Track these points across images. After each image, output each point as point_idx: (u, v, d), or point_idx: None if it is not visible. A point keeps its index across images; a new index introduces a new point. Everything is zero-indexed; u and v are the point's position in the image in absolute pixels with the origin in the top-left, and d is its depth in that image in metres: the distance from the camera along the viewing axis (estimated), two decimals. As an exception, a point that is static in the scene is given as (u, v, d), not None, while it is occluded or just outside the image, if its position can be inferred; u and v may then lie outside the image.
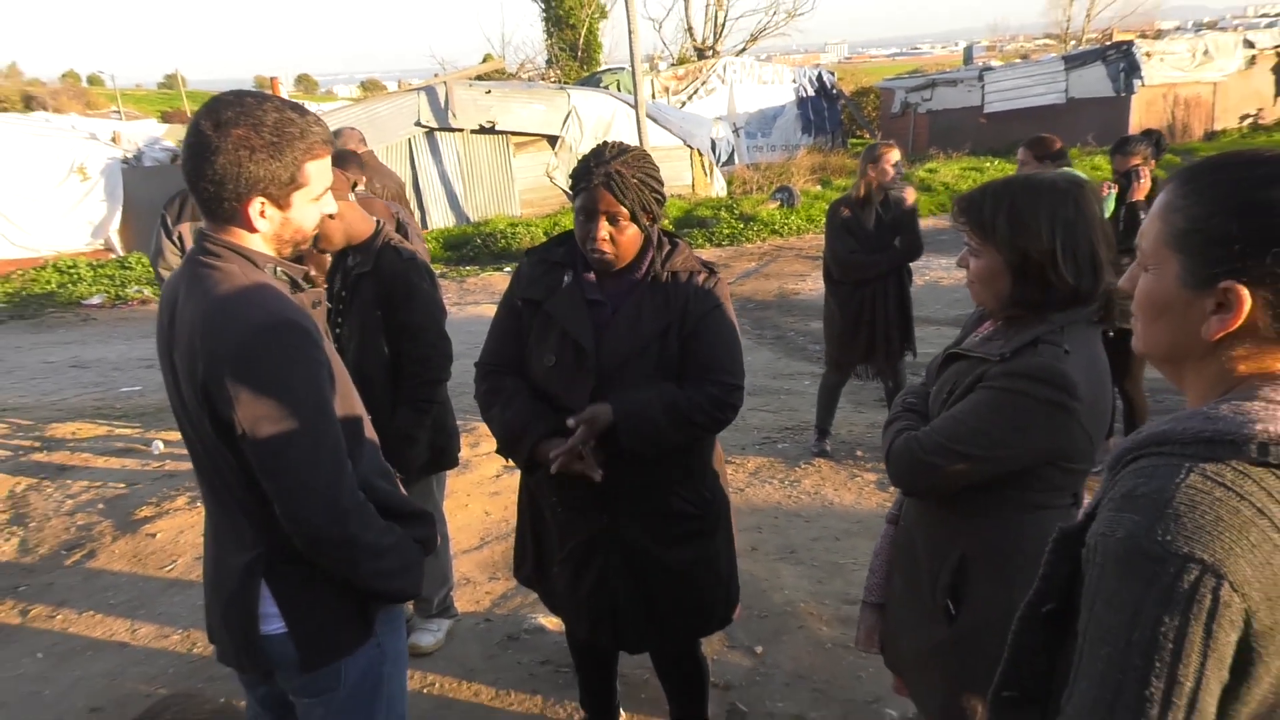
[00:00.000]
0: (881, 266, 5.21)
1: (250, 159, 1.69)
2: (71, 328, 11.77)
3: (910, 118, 24.31)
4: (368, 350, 3.16)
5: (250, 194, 1.73)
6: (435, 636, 3.64)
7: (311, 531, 1.73)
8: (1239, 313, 1.05)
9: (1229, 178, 1.08)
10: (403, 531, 1.90)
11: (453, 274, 13.09)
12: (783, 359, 8.22)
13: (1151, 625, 0.98)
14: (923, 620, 2.06)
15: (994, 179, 2.05)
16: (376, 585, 1.85)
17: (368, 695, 1.94)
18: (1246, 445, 1.00)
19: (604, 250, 2.34)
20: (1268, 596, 0.96)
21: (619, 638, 2.55)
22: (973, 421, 1.88)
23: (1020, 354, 1.86)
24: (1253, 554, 0.96)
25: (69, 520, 5.01)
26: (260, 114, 1.71)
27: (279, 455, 1.69)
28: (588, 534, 2.46)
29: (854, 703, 3.18)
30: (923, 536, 2.07)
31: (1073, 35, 37.41)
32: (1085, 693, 1.04)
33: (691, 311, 2.37)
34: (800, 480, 5.23)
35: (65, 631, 3.95)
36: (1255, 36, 23.12)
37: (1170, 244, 1.10)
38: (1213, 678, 0.98)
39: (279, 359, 1.69)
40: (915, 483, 2.00)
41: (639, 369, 2.35)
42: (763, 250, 13.99)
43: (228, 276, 1.75)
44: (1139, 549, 0.99)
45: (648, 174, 2.37)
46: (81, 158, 14.66)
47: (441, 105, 15.56)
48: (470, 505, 4.91)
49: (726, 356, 2.40)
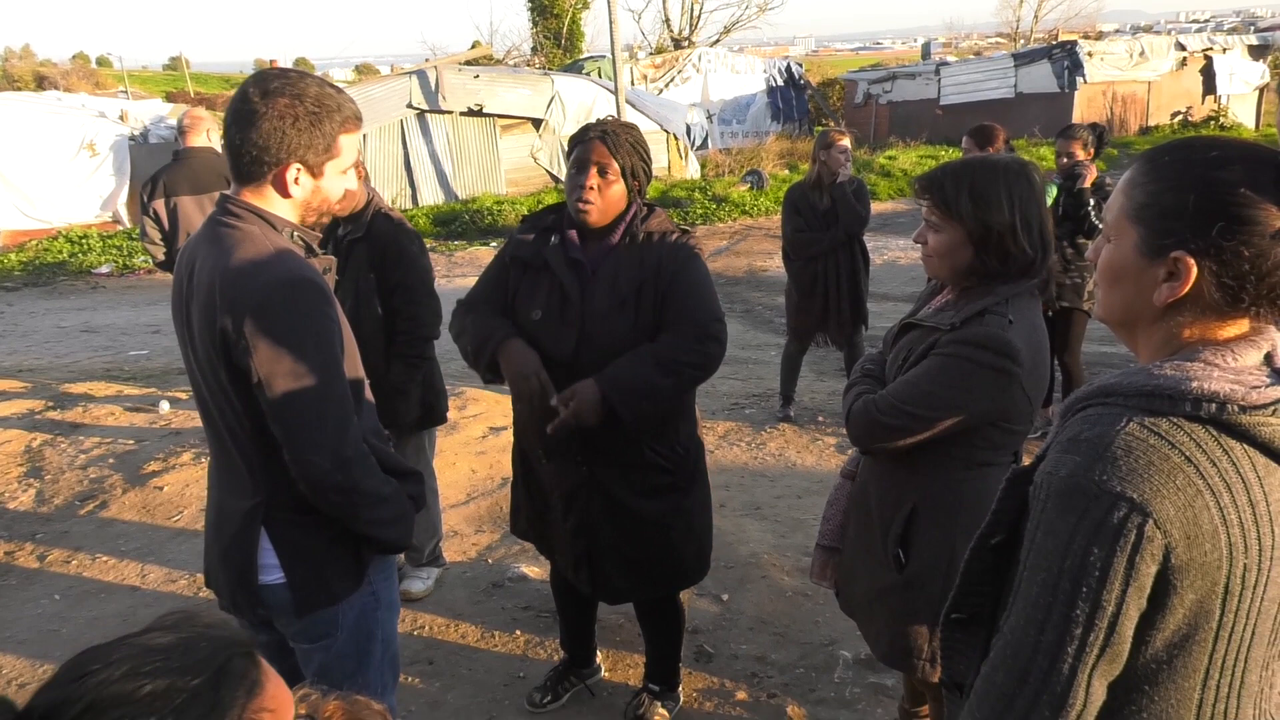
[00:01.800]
0: (824, 243, 5.24)
1: (293, 126, 1.70)
2: (82, 295, 11.58)
3: (872, 108, 24.23)
4: (363, 311, 3.18)
5: (289, 160, 1.73)
6: (425, 583, 3.65)
7: (317, 476, 1.72)
8: (1186, 280, 1.07)
9: (1184, 159, 1.10)
10: (398, 485, 1.90)
11: (441, 248, 12.96)
12: (751, 331, 8.23)
13: (1081, 554, 1.02)
14: (874, 567, 2.11)
15: (952, 160, 2.06)
16: (373, 532, 1.85)
17: (364, 640, 1.93)
18: (1182, 400, 1.03)
19: (590, 200, 2.34)
20: (1187, 535, 1.00)
21: (595, 584, 2.56)
22: (925, 384, 1.92)
23: (968, 323, 1.90)
24: (1177, 496, 1.00)
25: (82, 474, 4.96)
26: (303, 87, 1.73)
27: (291, 402, 1.69)
28: (571, 483, 2.47)
29: (811, 645, 3.22)
30: (877, 491, 2.11)
31: (1022, 34, 37.39)
32: (1021, 612, 1.08)
33: (666, 266, 2.38)
34: (766, 443, 5.25)
35: (80, 575, 3.92)
36: (1186, 40, 23.19)
37: (1129, 216, 1.13)
38: (1132, 604, 1.02)
39: (297, 312, 1.69)
40: (871, 440, 2.03)
41: (619, 323, 2.35)
42: (733, 229, 13.96)
43: (248, 236, 1.75)
44: (1077, 486, 1.02)
45: (639, 141, 2.42)
46: (91, 135, 14.35)
47: (432, 88, 15.35)
48: (458, 464, 4.90)
49: (703, 300, 2.41)
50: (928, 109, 22.50)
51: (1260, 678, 1.11)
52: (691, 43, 28.98)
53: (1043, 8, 37.49)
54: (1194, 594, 1.02)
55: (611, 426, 2.31)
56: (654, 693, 2.86)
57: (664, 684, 2.87)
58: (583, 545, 2.51)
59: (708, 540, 2.67)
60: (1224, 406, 1.02)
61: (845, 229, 5.23)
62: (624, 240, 2.42)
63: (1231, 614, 1.04)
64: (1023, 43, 33.96)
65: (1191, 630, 1.04)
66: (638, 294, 2.37)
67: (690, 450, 2.55)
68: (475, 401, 5.78)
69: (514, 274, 2.50)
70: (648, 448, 2.44)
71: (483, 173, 16.18)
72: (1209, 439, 1.02)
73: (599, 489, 2.45)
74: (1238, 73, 22.49)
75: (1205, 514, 1.00)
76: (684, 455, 2.52)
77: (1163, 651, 1.06)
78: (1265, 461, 1.04)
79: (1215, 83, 22.29)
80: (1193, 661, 1.06)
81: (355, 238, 3.19)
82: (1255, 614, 1.06)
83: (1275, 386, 1.04)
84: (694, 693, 2.98)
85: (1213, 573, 1.02)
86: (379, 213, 3.24)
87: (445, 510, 4.16)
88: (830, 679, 3.03)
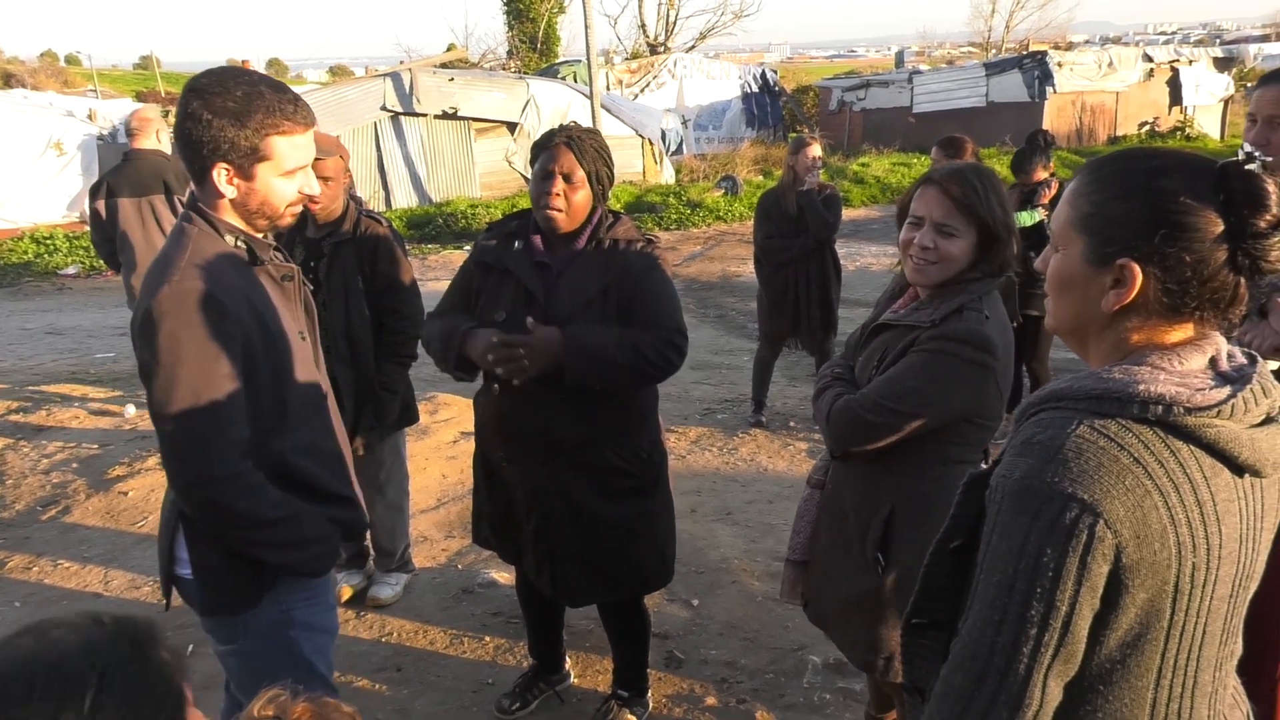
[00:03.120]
0: (794, 250, 5.27)
1: (214, 127, 1.68)
2: (48, 296, 11.40)
3: (846, 115, 24.39)
4: (354, 313, 3.22)
5: (213, 160, 1.71)
6: (394, 590, 3.62)
7: (180, 489, 1.73)
8: (1132, 287, 1.09)
9: (1126, 169, 1.13)
10: (308, 508, 1.85)
11: (415, 251, 12.89)
12: (724, 336, 8.25)
13: (1035, 555, 1.03)
14: (852, 572, 2.11)
15: (951, 165, 2.08)
16: (258, 554, 1.81)
17: (275, 656, 1.89)
18: (1130, 403, 1.05)
19: (557, 207, 2.35)
20: (1136, 534, 1.02)
21: (556, 587, 2.56)
22: (907, 381, 1.94)
23: (948, 320, 1.93)
24: (1127, 497, 1.01)
25: (45, 478, 4.88)
26: (231, 86, 1.70)
27: (159, 414, 1.69)
28: (533, 484, 2.47)
29: (781, 650, 3.23)
30: (853, 495, 2.11)
31: (993, 44, 37.76)
32: (978, 614, 1.09)
33: (630, 272, 2.40)
34: (737, 448, 5.26)
35: (41, 582, 3.85)
36: (1154, 52, 23.54)
37: (1076, 226, 1.15)
38: (1085, 604, 1.03)
39: (173, 327, 1.66)
40: (855, 439, 2.02)
41: (583, 323, 2.36)
42: (708, 235, 14.00)
43: (179, 237, 1.75)
44: (1030, 488, 1.04)
45: (602, 146, 2.44)
46: (59, 133, 14.14)
47: (407, 91, 15.26)
48: (429, 469, 4.87)
49: (668, 309, 2.43)
50: (901, 117, 22.69)
51: (1214, 677, 1.13)
52: (667, 48, 29.03)
53: (1014, 18, 37.91)
54: (1145, 593, 1.04)
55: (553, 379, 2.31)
56: (623, 699, 2.85)
57: (633, 689, 2.86)
58: (545, 547, 2.51)
59: (670, 546, 2.67)
60: (1170, 408, 1.04)
61: (814, 235, 5.27)
62: (589, 245, 2.43)
63: (1182, 613, 1.06)
64: (994, 52, 34.32)
65: (1144, 629, 1.06)
66: (603, 296, 2.38)
67: (653, 455, 2.56)
68: (446, 406, 5.75)
69: (478, 279, 2.52)
70: (610, 451, 2.45)
71: (457, 176, 16.11)
72: (1156, 440, 1.05)
73: (561, 490, 2.45)
74: (1203, 84, 22.87)
75: (1154, 514, 1.02)
76: (646, 460, 2.53)
77: (1116, 651, 1.07)
78: (1211, 462, 1.06)
79: (1181, 94, 22.64)
80: (1145, 660, 1.07)
81: (340, 240, 3.21)
82: (1206, 613, 1.08)
83: (1219, 389, 1.07)
84: (663, 698, 2.98)
85: (1162, 571, 1.03)
86: (365, 215, 3.28)
87: (415, 515, 4.13)
88: (799, 684, 3.03)
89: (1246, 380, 1.09)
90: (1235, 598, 1.12)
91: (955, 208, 1.95)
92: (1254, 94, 2.24)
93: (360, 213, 3.27)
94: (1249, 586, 1.15)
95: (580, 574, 2.52)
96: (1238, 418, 1.06)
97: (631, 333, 2.36)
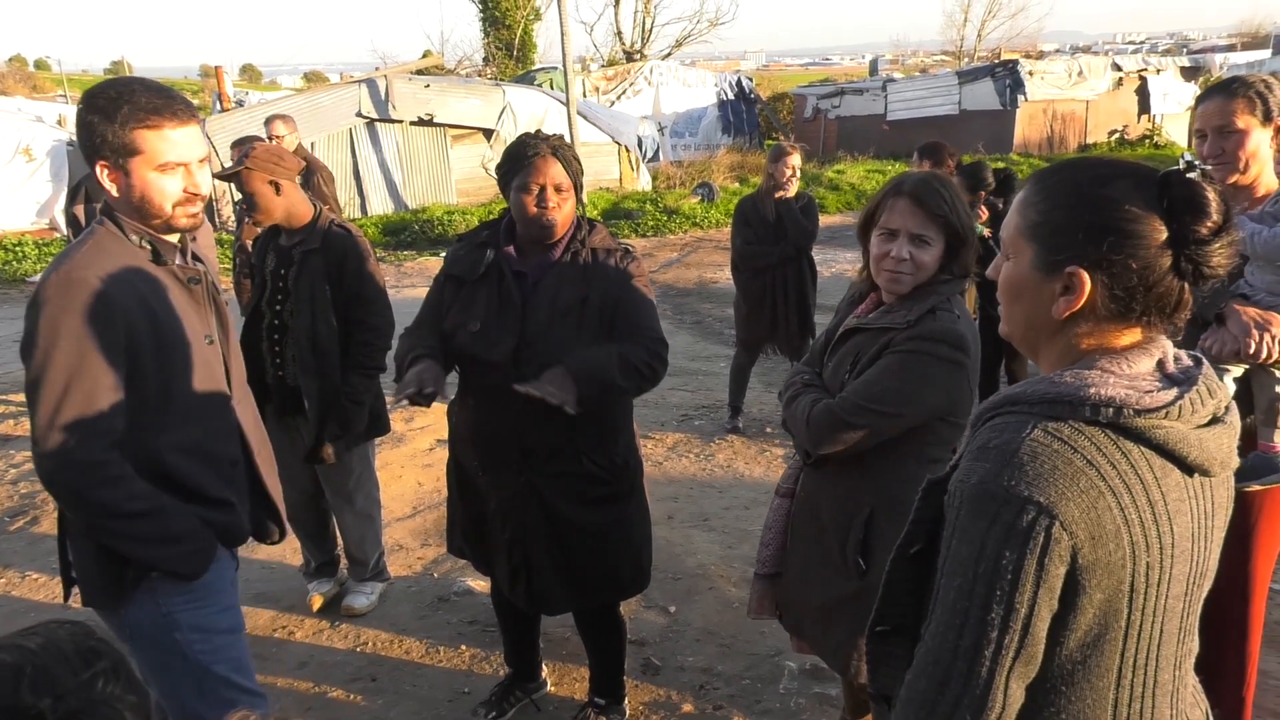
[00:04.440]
0: (773, 256, 5.30)
1: (88, 127, 1.75)
2: (16, 304, 11.19)
3: (821, 122, 24.55)
4: (319, 322, 3.18)
5: (95, 157, 1.77)
6: (369, 599, 3.59)
7: (43, 472, 1.74)
8: (1081, 293, 1.12)
9: (1072, 178, 1.15)
10: (179, 505, 1.85)
11: (390, 258, 12.81)
12: (700, 342, 8.26)
13: (994, 558, 1.05)
14: (830, 578, 2.11)
15: (918, 173, 2.12)
16: (120, 547, 1.82)
17: (165, 658, 1.90)
18: (1081, 406, 1.07)
19: (553, 219, 2.38)
20: (1091, 535, 1.03)
21: (531, 596, 2.55)
22: (886, 381, 1.96)
23: (922, 321, 1.97)
24: (1081, 499, 1.03)
25: (12, 489, 4.81)
26: (107, 87, 1.79)
27: (31, 396, 1.73)
28: (508, 492, 2.47)
29: (757, 656, 3.23)
30: (830, 500, 2.12)
31: (966, 53, 38.18)
32: (939, 618, 1.10)
33: (611, 284, 2.41)
34: (714, 454, 5.27)
35: (8, 595, 3.79)
36: (1123, 61, 23.89)
37: (1025, 235, 1.17)
38: (1044, 605, 1.05)
39: (54, 311, 1.71)
40: (836, 442, 2.02)
41: (560, 333, 2.37)
42: (684, 241, 14.02)
43: (86, 235, 1.82)
44: (987, 492, 1.06)
45: (578, 155, 2.47)
46: (27, 139, 13.92)
47: (382, 97, 15.19)
48: (404, 476, 4.84)
49: (649, 320, 2.45)
50: (875, 124, 22.87)
51: (1173, 676, 1.15)
52: (643, 55, 29.09)
53: (986, 27, 38.40)
54: (1101, 593, 1.06)
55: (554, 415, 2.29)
56: (600, 706, 2.84)
57: (610, 697, 2.85)
58: (520, 555, 2.51)
59: (646, 552, 2.67)
60: (1120, 410, 1.06)
61: (793, 243, 5.30)
62: (566, 255, 2.43)
63: (1139, 612, 1.08)
64: (967, 61, 34.70)
65: (1102, 630, 1.08)
66: (581, 305, 2.39)
67: (628, 461, 2.56)
68: (422, 414, 5.72)
69: (449, 291, 2.51)
70: (585, 458, 2.45)
71: (433, 182, 16.05)
72: (1108, 442, 1.07)
73: (536, 498, 2.45)
74: (1171, 93, 23.24)
75: (1108, 514, 1.04)
76: (622, 466, 2.53)
77: (1076, 652, 1.09)
78: (1161, 462, 1.08)
79: (1150, 102, 23.00)
80: (1105, 661, 1.09)
81: (310, 249, 3.17)
82: (1162, 611, 1.10)
83: (1167, 390, 1.10)
84: (640, 705, 2.97)
85: (1118, 571, 1.05)
86: (333, 224, 3.24)
87: (390, 524, 4.10)
88: (776, 690, 3.04)
89: (1192, 382, 1.12)
90: (1190, 596, 1.15)
91: (929, 218, 1.99)
92: (1198, 111, 2.28)
93: (330, 221, 3.24)
94: (1203, 584, 1.17)
95: (556, 582, 2.52)
96: (1185, 418, 1.08)
97: (623, 349, 2.36)
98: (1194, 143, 2.30)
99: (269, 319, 3.25)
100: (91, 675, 0.83)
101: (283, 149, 3.27)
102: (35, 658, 0.83)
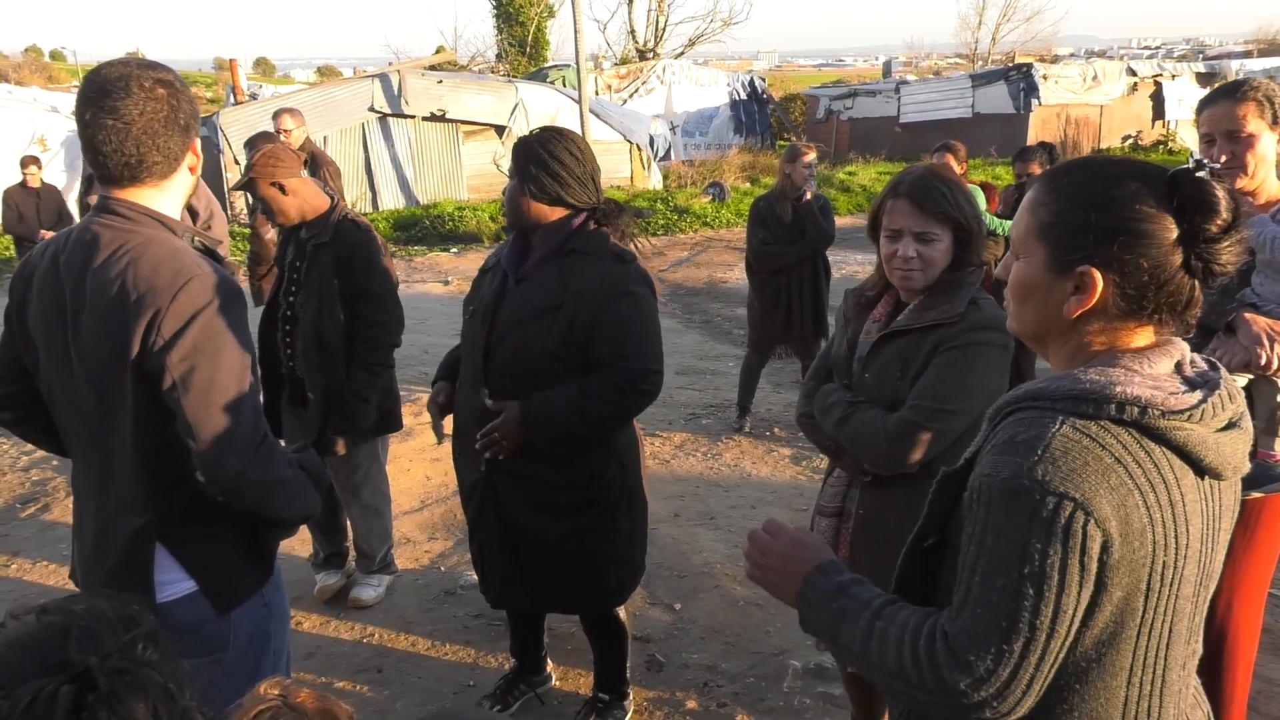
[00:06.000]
0: (790, 256, 5.30)
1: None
2: (28, 292, 11.30)
3: (833, 124, 24.54)
4: (325, 316, 3.17)
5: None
6: (376, 591, 3.61)
7: (229, 475, 1.67)
8: (1093, 293, 1.12)
9: (1083, 179, 1.16)
10: (292, 456, 1.89)
11: (401, 253, 12.84)
12: (709, 342, 8.27)
13: (1040, 559, 1.04)
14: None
15: (916, 170, 2.12)
16: (284, 514, 1.82)
17: (255, 652, 1.88)
18: (1107, 404, 1.07)
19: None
20: (1121, 533, 1.04)
21: (488, 587, 2.62)
22: (953, 379, 1.96)
23: (969, 313, 1.99)
24: (1111, 495, 1.03)
25: (24, 475, 4.84)
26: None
27: (209, 403, 1.63)
28: (470, 482, 2.53)
29: (762, 654, 3.24)
30: (898, 512, 1.96)
31: (980, 56, 38.08)
32: (981, 618, 1.08)
33: (589, 298, 2.29)
34: (721, 454, 5.28)
35: (20, 579, 3.82)
36: (1137, 66, 23.82)
37: (1036, 235, 1.18)
38: (1083, 603, 1.05)
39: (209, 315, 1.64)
40: (920, 451, 1.96)
41: (525, 335, 2.34)
42: (695, 241, 14.03)
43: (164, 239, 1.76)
44: (1021, 486, 1.05)
45: (548, 152, 2.36)
46: (42, 129, 14.04)
47: (395, 92, 15.24)
48: (412, 470, 4.86)
49: (633, 342, 2.32)
50: (887, 126, 22.86)
51: (1179, 676, 1.15)
52: (656, 54, 29.09)
53: (1000, 30, 38.27)
54: (1121, 591, 1.06)
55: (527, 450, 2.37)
56: (603, 702, 2.85)
57: (613, 693, 2.86)
58: (477, 545, 2.58)
59: (612, 572, 2.55)
60: (1146, 411, 1.07)
61: (811, 245, 5.31)
62: (555, 255, 2.38)
63: (1153, 610, 1.08)
64: (980, 64, 34.62)
65: (1118, 628, 1.08)
66: (554, 311, 2.31)
67: (603, 476, 2.46)
68: (431, 408, 5.74)
69: (478, 281, 2.63)
70: (545, 465, 2.41)
71: (444, 178, 16.09)
72: (1133, 441, 1.07)
73: (492, 494, 2.48)
74: (1186, 99, 23.12)
75: (1136, 512, 1.04)
76: (588, 480, 2.44)
77: (1092, 650, 1.09)
78: (1180, 464, 1.09)
79: (1164, 108, 22.92)
80: (1119, 659, 1.09)
81: (320, 242, 3.17)
82: (1172, 611, 1.11)
83: (1190, 393, 1.10)
84: (644, 702, 2.98)
85: (1139, 570, 1.06)
86: (345, 218, 3.24)
87: (398, 517, 4.12)
88: (780, 688, 3.05)
89: (1214, 386, 1.12)
90: (1197, 597, 1.15)
91: (929, 215, 1.99)
92: (1203, 115, 2.25)
93: (344, 214, 3.24)
94: (1209, 586, 1.18)
95: (512, 580, 2.54)
96: (1207, 422, 1.09)
97: (589, 391, 2.28)
98: (1200, 146, 2.28)
99: (283, 309, 3.27)
100: (131, 638, 0.87)
101: (280, 149, 3.23)
102: (80, 619, 0.86)
